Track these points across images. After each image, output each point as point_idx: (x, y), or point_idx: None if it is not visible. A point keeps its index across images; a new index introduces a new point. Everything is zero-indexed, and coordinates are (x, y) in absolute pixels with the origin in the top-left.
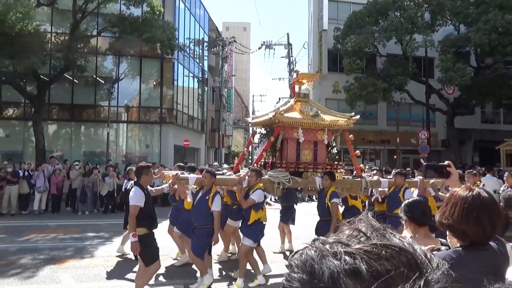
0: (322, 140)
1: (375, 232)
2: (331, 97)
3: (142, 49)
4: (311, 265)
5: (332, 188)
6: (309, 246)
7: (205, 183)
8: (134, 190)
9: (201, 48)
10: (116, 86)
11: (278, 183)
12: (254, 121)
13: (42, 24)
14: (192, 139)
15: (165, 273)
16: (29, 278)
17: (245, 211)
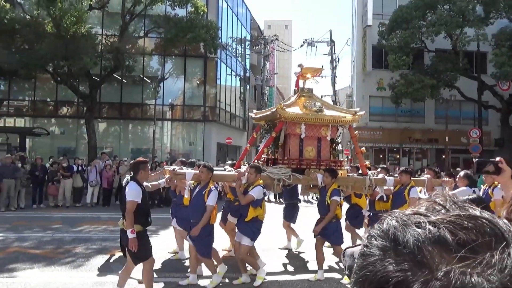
0: (325, 136)
1: (455, 205)
2: (375, 95)
3: (186, 48)
4: (394, 233)
5: (334, 186)
6: (389, 217)
7: (202, 178)
8: (131, 185)
9: (243, 46)
10: (161, 85)
11: (278, 180)
12: (256, 116)
13: (93, 27)
14: (234, 136)
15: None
16: (83, 266)
17: (242, 208)
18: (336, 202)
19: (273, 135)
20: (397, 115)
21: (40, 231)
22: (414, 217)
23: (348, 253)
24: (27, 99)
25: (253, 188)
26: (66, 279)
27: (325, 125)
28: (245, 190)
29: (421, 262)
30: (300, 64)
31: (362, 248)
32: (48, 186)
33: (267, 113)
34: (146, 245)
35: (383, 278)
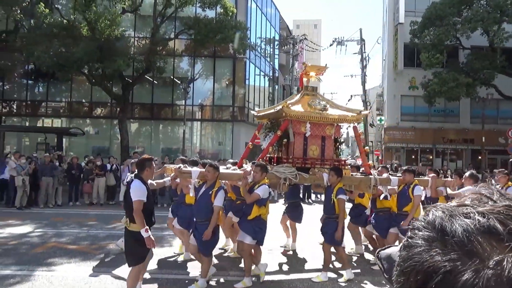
0: (330, 135)
1: (502, 196)
2: (407, 94)
3: (216, 49)
4: (441, 223)
5: (340, 185)
6: (433, 208)
7: (208, 177)
8: (135, 183)
9: (272, 46)
10: (191, 86)
11: (285, 178)
12: (259, 115)
13: (126, 30)
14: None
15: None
16: (116, 261)
17: (246, 206)
18: (343, 201)
19: (279, 133)
20: (430, 114)
21: (76, 227)
22: (461, 208)
23: (383, 255)
24: (64, 100)
25: (258, 187)
26: (101, 274)
27: (329, 124)
28: (250, 189)
29: (471, 251)
30: (304, 63)
31: (406, 240)
32: (84, 184)
33: (270, 112)
34: (145, 246)
35: (431, 268)
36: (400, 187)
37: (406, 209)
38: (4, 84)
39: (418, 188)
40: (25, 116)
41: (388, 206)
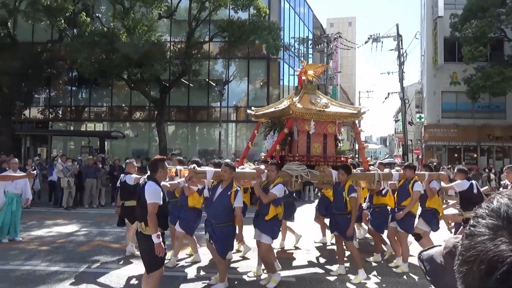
0: (332, 133)
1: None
2: (448, 90)
3: (249, 51)
4: (506, 211)
5: (349, 182)
6: (498, 195)
7: (224, 177)
8: (150, 185)
9: (305, 46)
10: (226, 88)
11: (296, 176)
12: (258, 114)
13: (163, 35)
14: None
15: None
16: None
17: (262, 206)
18: (355, 199)
19: (285, 131)
20: (473, 111)
21: (119, 226)
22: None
23: (425, 256)
24: (105, 105)
25: (274, 186)
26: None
27: (331, 121)
28: (264, 188)
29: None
30: (302, 61)
31: (468, 229)
32: None
33: (270, 110)
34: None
35: (496, 257)
36: (400, 182)
37: (405, 203)
38: (50, 91)
39: (418, 184)
40: (69, 121)
41: (384, 202)
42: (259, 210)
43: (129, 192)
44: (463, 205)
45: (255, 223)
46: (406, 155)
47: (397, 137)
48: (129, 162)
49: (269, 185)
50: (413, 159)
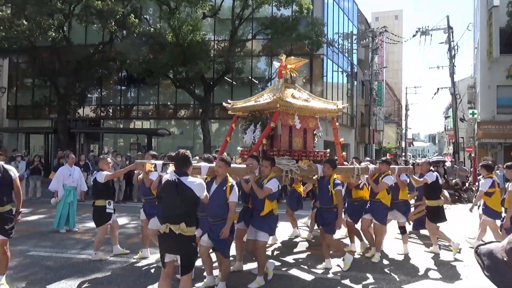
0: (311, 128)
1: None
2: (504, 84)
3: (292, 47)
4: None
5: (334, 176)
6: None
7: (219, 172)
8: (195, 180)
9: (350, 41)
10: (269, 85)
11: (287, 171)
12: (236, 107)
13: (206, 34)
14: (341, 134)
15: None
16: None
17: (257, 202)
18: (341, 191)
19: (272, 125)
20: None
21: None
22: None
23: (484, 251)
24: (152, 103)
25: (268, 181)
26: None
27: (311, 116)
28: (257, 183)
29: None
30: (281, 55)
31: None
32: None
33: (250, 104)
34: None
35: None
36: (374, 176)
37: (378, 196)
38: (102, 90)
39: (388, 177)
40: (119, 119)
41: (362, 196)
42: (253, 206)
43: (99, 190)
44: (427, 195)
45: (250, 220)
46: (457, 153)
47: (447, 134)
48: (103, 158)
49: (263, 180)
50: (464, 158)
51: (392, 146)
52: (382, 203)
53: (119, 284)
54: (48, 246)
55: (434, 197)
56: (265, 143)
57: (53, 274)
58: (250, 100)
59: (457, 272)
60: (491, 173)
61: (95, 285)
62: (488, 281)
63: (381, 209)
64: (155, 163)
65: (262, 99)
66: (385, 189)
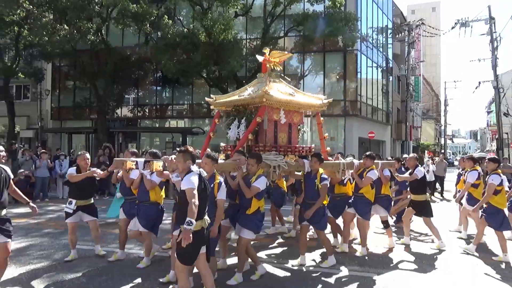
0: (296, 123)
1: None
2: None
3: (325, 44)
4: None
5: (321, 171)
6: None
7: (206, 169)
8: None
9: (384, 36)
10: (301, 82)
11: (274, 167)
12: (219, 101)
13: (238, 33)
14: (377, 131)
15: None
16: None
17: (243, 199)
18: (327, 186)
19: (258, 120)
20: None
21: None
22: None
23: None
24: (186, 103)
25: (256, 179)
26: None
27: (296, 111)
28: (245, 180)
29: None
30: (265, 48)
31: None
32: None
33: (233, 98)
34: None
35: None
36: (359, 170)
37: (362, 191)
38: (138, 91)
39: (372, 172)
40: (155, 118)
41: (344, 192)
42: (240, 203)
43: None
44: (413, 189)
45: (236, 218)
46: (501, 149)
47: (490, 130)
48: (81, 154)
49: (250, 177)
50: (509, 154)
51: (430, 143)
52: (366, 197)
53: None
54: (91, 240)
55: (421, 192)
56: (250, 138)
57: (95, 266)
58: (234, 94)
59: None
60: (476, 165)
61: (133, 278)
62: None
63: (364, 203)
64: (136, 161)
65: (246, 93)
66: (369, 184)
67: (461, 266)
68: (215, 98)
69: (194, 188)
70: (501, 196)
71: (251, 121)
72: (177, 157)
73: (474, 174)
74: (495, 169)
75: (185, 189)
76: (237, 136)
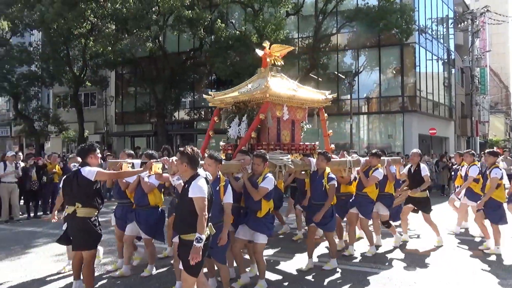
0: (299, 119)
1: None
2: None
3: (380, 38)
4: None
5: (328, 170)
6: None
7: (209, 171)
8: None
9: (445, 26)
10: (356, 80)
11: (280, 166)
12: (219, 98)
13: (290, 32)
14: (438, 127)
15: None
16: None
17: (252, 201)
18: (334, 186)
19: (261, 117)
20: None
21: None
22: None
23: None
24: None
25: (264, 179)
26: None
27: (299, 107)
28: (251, 181)
29: None
30: (265, 41)
31: None
32: None
33: (233, 94)
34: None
35: None
36: (364, 168)
37: (365, 190)
38: (194, 94)
39: (379, 172)
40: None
41: (349, 191)
42: (246, 206)
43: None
44: (414, 186)
45: (246, 222)
46: None
47: None
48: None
49: (256, 178)
50: None
51: (499, 138)
52: (369, 197)
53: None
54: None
55: (424, 189)
56: (253, 137)
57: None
58: (233, 90)
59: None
60: (474, 161)
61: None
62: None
63: (367, 203)
64: (132, 162)
65: (246, 89)
66: (374, 183)
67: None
68: (214, 95)
69: (204, 198)
70: (501, 190)
71: (253, 118)
72: (178, 159)
73: (475, 169)
74: (494, 162)
75: (193, 197)
76: (238, 135)
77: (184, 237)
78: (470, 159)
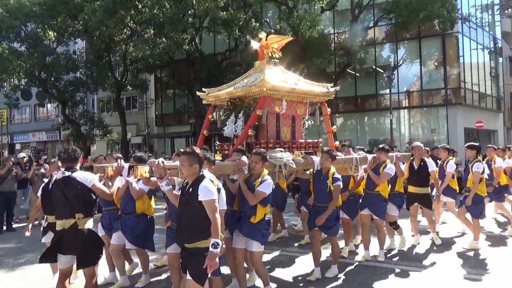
0: (300, 115)
1: None
2: None
3: (420, 29)
4: None
5: (333, 169)
6: None
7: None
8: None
9: (490, 13)
10: (395, 73)
11: (280, 166)
12: (214, 94)
13: (325, 28)
14: (486, 119)
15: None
16: None
17: (246, 205)
18: (339, 188)
19: (259, 113)
20: None
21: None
22: None
23: None
24: None
25: (261, 182)
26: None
27: (299, 101)
28: (247, 183)
29: None
30: (261, 33)
31: None
32: None
33: (228, 90)
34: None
35: None
36: (373, 165)
37: (378, 189)
38: None
39: (390, 167)
40: None
41: (358, 190)
42: (240, 209)
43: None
44: (416, 182)
45: (239, 228)
46: None
47: None
48: (53, 162)
49: (254, 179)
50: None
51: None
52: (382, 195)
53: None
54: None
55: (425, 185)
56: (250, 135)
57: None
58: (228, 86)
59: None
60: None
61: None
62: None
63: (380, 202)
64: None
65: (242, 84)
66: (385, 181)
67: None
68: (208, 91)
69: (215, 200)
70: (482, 184)
71: (249, 115)
72: (181, 160)
73: (452, 165)
74: (475, 156)
75: (204, 200)
76: (234, 133)
77: (192, 245)
78: (445, 155)
